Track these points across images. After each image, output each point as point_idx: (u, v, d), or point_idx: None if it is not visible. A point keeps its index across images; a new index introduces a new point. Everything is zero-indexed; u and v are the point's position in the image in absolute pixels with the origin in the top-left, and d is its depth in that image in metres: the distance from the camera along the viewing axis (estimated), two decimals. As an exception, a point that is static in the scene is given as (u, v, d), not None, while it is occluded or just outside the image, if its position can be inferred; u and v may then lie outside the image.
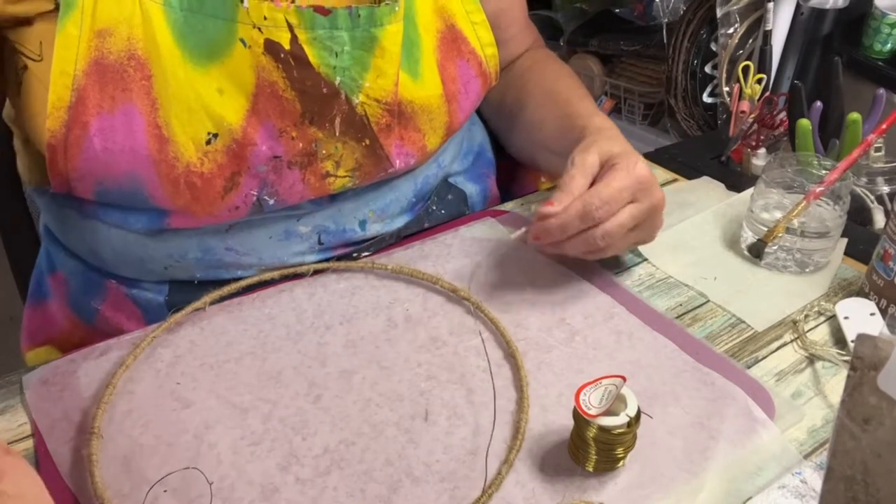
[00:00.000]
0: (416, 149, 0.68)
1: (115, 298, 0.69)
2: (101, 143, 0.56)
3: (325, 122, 0.62)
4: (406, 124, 0.66)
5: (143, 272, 0.67)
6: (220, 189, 0.60)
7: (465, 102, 0.70)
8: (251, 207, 0.63)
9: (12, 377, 0.57)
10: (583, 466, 0.50)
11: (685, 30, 1.60)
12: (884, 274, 0.63)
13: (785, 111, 0.84)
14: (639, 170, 0.60)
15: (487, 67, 0.72)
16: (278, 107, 0.60)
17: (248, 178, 0.61)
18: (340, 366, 0.58)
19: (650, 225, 0.63)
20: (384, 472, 0.50)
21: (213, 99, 0.58)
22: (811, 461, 0.51)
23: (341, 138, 0.63)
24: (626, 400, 0.48)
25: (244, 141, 0.59)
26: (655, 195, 0.61)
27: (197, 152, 0.58)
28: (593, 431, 0.48)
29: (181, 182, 0.59)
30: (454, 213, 0.78)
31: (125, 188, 0.59)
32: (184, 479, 0.49)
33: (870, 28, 1.35)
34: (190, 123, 0.58)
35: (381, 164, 0.66)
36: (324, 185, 0.64)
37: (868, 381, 0.35)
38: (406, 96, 0.65)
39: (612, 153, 0.61)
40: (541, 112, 0.75)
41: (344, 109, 0.62)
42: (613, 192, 0.59)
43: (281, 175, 0.62)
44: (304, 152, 0.62)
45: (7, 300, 1.06)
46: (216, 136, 0.58)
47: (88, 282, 0.70)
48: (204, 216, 0.62)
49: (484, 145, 0.85)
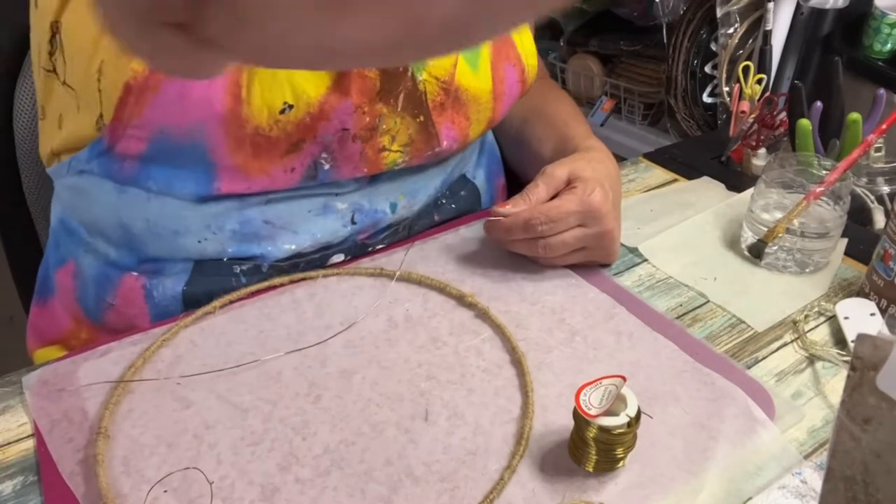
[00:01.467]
0: (462, 135, 0.71)
1: (130, 294, 0.69)
2: (180, 89, 0.57)
3: (391, 97, 0.64)
4: (458, 109, 0.69)
5: (174, 248, 0.67)
6: (282, 150, 0.62)
7: (506, 105, 0.74)
8: (306, 171, 0.64)
9: (12, 377, 0.57)
10: (583, 466, 0.50)
11: (685, 30, 1.60)
12: (884, 274, 0.63)
13: (785, 111, 0.84)
14: (592, 198, 0.63)
15: (527, 76, 0.75)
16: (361, 84, 0.62)
17: (311, 145, 0.63)
18: (340, 366, 0.58)
19: (601, 249, 0.67)
20: (384, 472, 0.50)
21: (298, 71, 0.59)
22: (811, 461, 0.51)
23: (401, 113, 0.66)
24: (626, 400, 0.48)
25: (319, 114, 0.61)
26: (604, 224, 0.65)
27: (269, 119, 0.59)
28: (593, 431, 0.48)
29: (246, 141, 0.60)
30: (464, 209, 0.79)
31: (186, 140, 0.60)
32: (184, 479, 0.49)
33: (870, 28, 1.35)
34: (270, 90, 0.59)
35: (431, 142, 0.69)
36: (378, 158, 0.66)
37: (868, 381, 0.35)
38: (463, 83, 0.68)
39: (580, 175, 0.65)
40: (539, 131, 0.79)
41: (409, 86, 0.65)
42: (560, 214, 0.63)
43: (344, 146, 0.64)
44: (369, 126, 0.64)
45: (7, 300, 1.06)
46: (291, 107, 0.60)
47: (103, 275, 0.70)
48: (257, 175, 0.63)
49: (494, 144, 0.88)
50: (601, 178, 0.65)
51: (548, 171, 0.66)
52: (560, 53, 1.94)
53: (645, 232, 0.75)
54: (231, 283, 0.67)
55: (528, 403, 0.54)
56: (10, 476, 0.50)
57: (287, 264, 0.69)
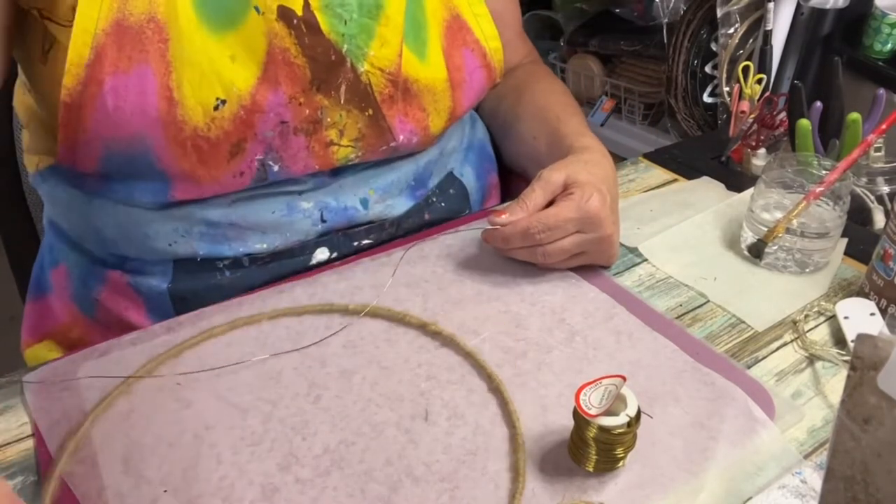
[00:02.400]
0: (420, 127, 0.70)
1: (117, 288, 0.70)
2: (114, 101, 0.57)
3: (331, 89, 0.64)
4: (410, 101, 0.69)
5: (148, 251, 0.68)
6: (225, 153, 0.62)
7: (469, 91, 0.73)
8: (255, 174, 0.64)
9: (12, 377, 0.57)
10: (583, 466, 0.50)
11: (685, 30, 1.60)
12: (884, 274, 0.63)
13: (785, 111, 0.84)
14: (590, 204, 0.62)
15: (492, 60, 0.74)
16: (289, 74, 0.62)
17: (253, 143, 0.63)
18: (340, 366, 0.58)
19: (600, 254, 0.67)
20: (384, 472, 0.50)
21: (224, 66, 0.60)
22: (811, 461, 0.51)
23: (346, 106, 0.65)
24: (626, 400, 0.48)
25: (252, 107, 0.61)
26: (603, 230, 0.64)
27: (205, 117, 0.60)
28: (593, 431, 0.48)
29: (188, 145, 0.60)
30: (454, 207, 0.79)
31: (132, 151, 0.60)
32: (184, 479, 0.49)
33: (870, 28, 1.35)
34: (200, 88, 0.59)
35: (384, 136, 0.68)
36: (328, 153, 0.66)
37: (868, 381, 0.35)
38: (412, 74, 0.68)
39: (576, 180, 0.64)
40: (532, 127, 0.78)
41: (349, 77, 0.65)
42: (558, 221, 0.63)
43: (286, 141, 0.64)
44: (310, 119, 0.64)
45: (7, 300, 1.06)
46: (224, 102, 0.60)
47: (90, 273, 0.71)
48: (208, 182, 0.63)
49: (485, 141, 0.87)
50: (598, 182, 0.64)
51: (544, 175, 0.65)
52: (560, 53, 1.94)
53: (645, 232, 0.75)
54: (216, 279, 0.68)
55: (516, 435, 0.52)
56: (10, 476, 0.50)
57: (270, 260, 0.69)
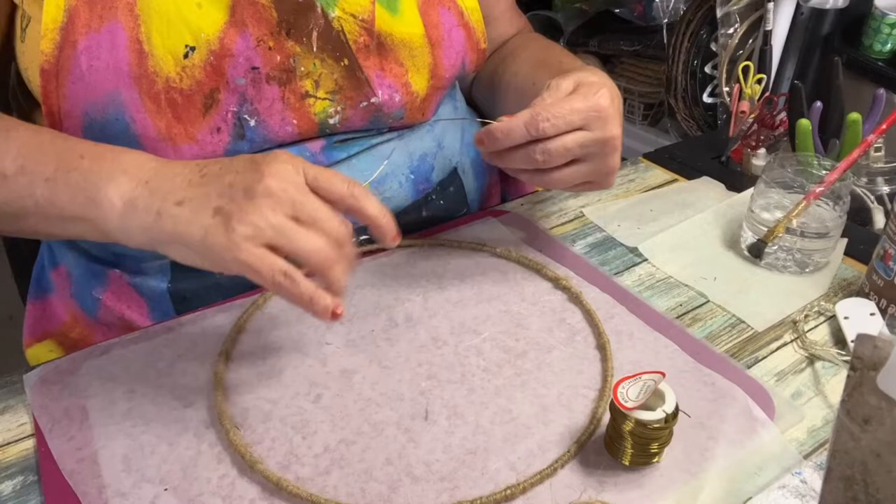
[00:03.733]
0: (400, 84, 0.69)
1: (117, 287, 0.69)
2: (87, 61, 0.58)
3: (302, 35, 0.64)
4: (386, 55, 0.67)
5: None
6: (199, 106, 0.62)
7: (450, 51, 0.71)
8: (232, 128, 0.63)
9: (13, 377, 0.57)
10: (619, 460, 0.50)
11: (685, 30, 1.60)
12: (884, 274, 0.63)
13: (785, 111, 0.84)
14: (598, 97, 0.59)
15: (469, 20, 0.73)
16: (255, 14, 0.61)
17: (227, 93, 0.62)
18: (341, 365, 0.58)
19: (601, 163, 0.61)
20: (384, 471, 0.50)
21: (191, 11, 0.60)
22: (811, 461, 0.51)
23: (319, 55, 0.65)
24: (664, 396, 0.48)
25: (221, 52, 0.61)
26: (609, 129, 0.60)
27: (176, 66, 0.60)
28: (629, 425, 0.48)
29: (162, 98, 0.60)
30: (452, 207, 0.78)
31: (107, 116, 0.60)
32: (184, 479, 0.49)
33: (870, 28, 1.36)
34: (169, 37, 0.59)
35: (363, 89, 0.67)
36: (304, 106, 0.65)
37: (868, 381, 0.36)
38: (385, 29, 0.67)
39: (586, 80, 0.61)
40: (534, 74, 0.75)
41: (321, 23, 0.64)
42: (564, 111, 0.58)
43: (260, 90, 0.63)
44: (283, 67, 0.64)
45: (7, 300, 1.06)
46: (193, 49, 0.60)
47: (90, 272, 0.71)
48: (184, 142, 0.62)
49: None
50: (608, 83, 0.62)
51: (553, 83, 0.61)
52: (560, 53, 1.94)
53: (645, 232, 0.75)
54: (216, 278, 0.67)
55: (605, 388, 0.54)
56: (9, 476, 0.50)
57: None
